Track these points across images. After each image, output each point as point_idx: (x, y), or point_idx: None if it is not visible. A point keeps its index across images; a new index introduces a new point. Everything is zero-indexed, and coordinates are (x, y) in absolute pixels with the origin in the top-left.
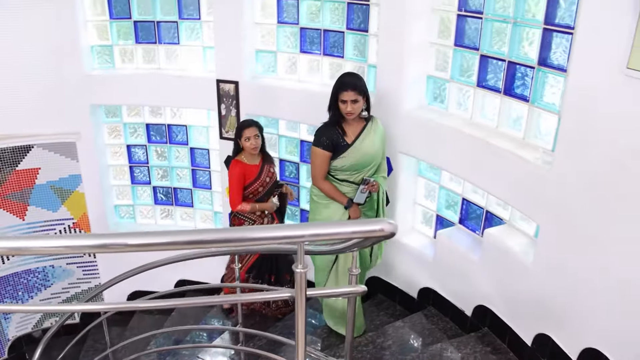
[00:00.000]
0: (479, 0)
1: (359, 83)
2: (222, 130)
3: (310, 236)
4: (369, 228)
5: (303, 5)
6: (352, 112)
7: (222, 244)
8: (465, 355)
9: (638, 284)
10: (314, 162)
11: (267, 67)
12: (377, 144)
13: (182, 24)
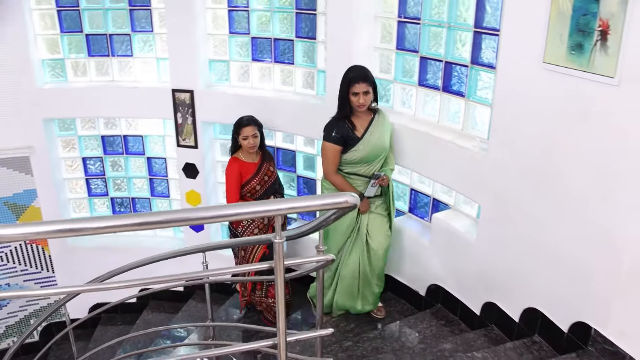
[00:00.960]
0: (417, 7)
1: (369, 74)
2: (179, 139)
3: (287, 209)
4: (335, 200)
5: (253, 15)
6: (364, 104)
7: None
8: (422, 330)
9: (568, 251)
10: (325, 156)
11: (221, 76)
12: (385, 136)
13: (135, 36)
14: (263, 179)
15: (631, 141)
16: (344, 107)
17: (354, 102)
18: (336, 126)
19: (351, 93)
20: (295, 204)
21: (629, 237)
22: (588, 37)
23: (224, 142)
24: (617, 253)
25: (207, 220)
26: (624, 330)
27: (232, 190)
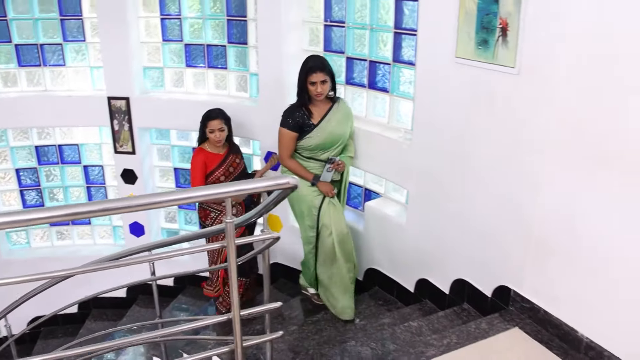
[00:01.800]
0: (341, 12)
1: (326, 64)
2: (117, 145)
3: (236, 191)
4: (278, 182)
5: (186, 23)
6: (321, 93)
7: (135, 208)
8: (362, 310)
9: (486, 224)
10: (280, 141)
11: (156, 82)
12: (343, 124)
13: (67, 45)
14: (228, 170)
15: (532, 121)
16: (302, 95)
17: (311, 91)
18: (293, 113)
19: (309, 82)
20: (243, 187)
21: (536, 209)
22: (491, 34)
23: (161, 147)
24: (527, 223)
25: (156, 205)
26: (537, 289)
27: (196, 181)
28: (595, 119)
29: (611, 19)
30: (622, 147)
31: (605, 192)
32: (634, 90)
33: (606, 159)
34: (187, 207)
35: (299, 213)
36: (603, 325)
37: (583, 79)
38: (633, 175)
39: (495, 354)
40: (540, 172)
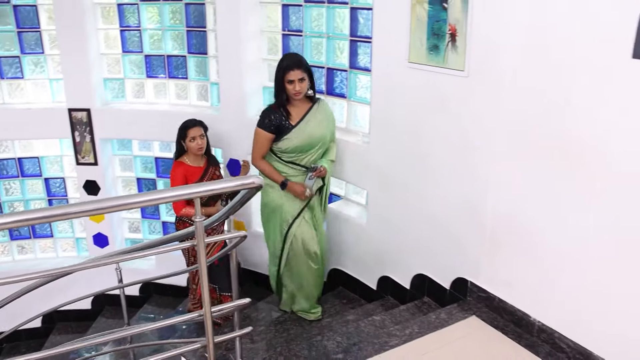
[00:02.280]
0: (298, 21)
1: (303, 61)
2: (78, 157)
3: (205, 191)
4: (244, 181)
5: (145, 34)
6: (300, 92)
7: (95, 211)
8: (327, 309)
9: (443, 220)
10: (255, 142)
11: (117, 93)
12: (323, 126)
13: (24, 58)
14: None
15: (481, 122)
16: (279, 95)
17: (289, 90)
18: (270, 114)
19: (286, 81)
20: (211, 187)
21: (488, 204)
22: (441, 39)
23: (123, 157)
24: (481, 218)
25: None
26: (492, 279)
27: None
28: (539, 119)
29: (551, 23)
30: (564, 145)
31: (549, 186)
32: (573, 92)
33: (550, 156)
34: (150, 217)
35: (271, 226)
36: (552, 309)
37: (527, 81)
38: (574, 171)
39: (455, 341)
40: (490, 169)
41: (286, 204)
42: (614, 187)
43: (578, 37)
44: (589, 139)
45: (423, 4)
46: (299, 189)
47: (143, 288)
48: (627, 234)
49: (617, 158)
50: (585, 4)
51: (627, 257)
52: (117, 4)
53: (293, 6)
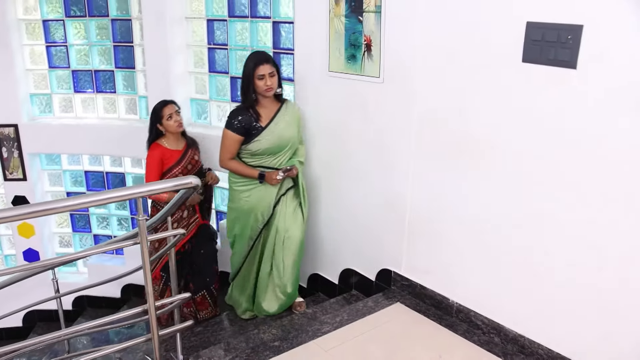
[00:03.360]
0: (223, 35)
1: (271, 57)
2: (6, 172)
3: (147, 192)
4: (183, 181)
5: (72, 50)
6: (271, 87)
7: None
8: None
9: (367, 216)
10: (223, 144)
11: (44, 108)
12: (292, 127)
13: None
14: (186, 168)
15: (396, 122)
16: (247, 95)
17: (260, 87)
18: (239, 114)
19: (256, 77)
20: (151, 187)
21: (406, 199)
22: (358, 49)
23: (52, 171)
24: (400, 212)
25: (60, 209)
26: (412, 268)
27: (150, 179)
28: (444, 120)
29: (452, 33)
30: (466, 143)
31: (455, 180)
32: (472, 95)
33: (455, 153)
34: (82, 230)
35: (241, 227)
36: (466, 290)
37: (433, 86)
38: (475, 166)
39: (382, 325)
40: (405, 167)
41: (257, 205)
42: (510, 179)
43: (476, 45)
44: (485, 137)
45: (340, 17)
46: (275, 174)
47: (76, 302)
48: (520, 219)
49: (511, 153)
50: (481, 16)
51: (521, 237)
52: (42, 20)
53: (218, 21)
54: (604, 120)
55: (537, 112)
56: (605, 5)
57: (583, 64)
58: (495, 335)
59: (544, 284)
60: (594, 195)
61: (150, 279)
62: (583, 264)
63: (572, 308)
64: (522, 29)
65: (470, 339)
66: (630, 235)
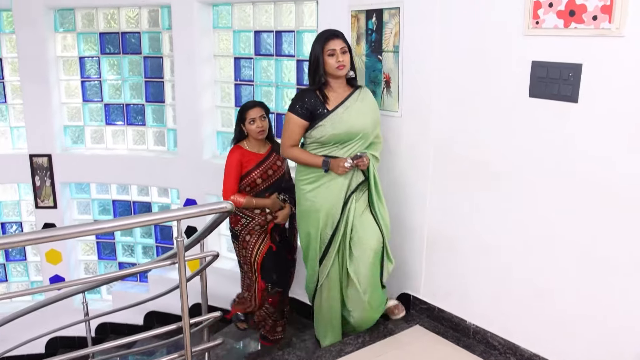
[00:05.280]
0: (249, 72)
1: (342, 34)
2: (38, 200)
3: (185, 215)
4: (218, 206)
5: (105, 84)
6: (344, 65)
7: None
8: None
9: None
10: (285, 129)
11: (77, 139)
12: (366, 115)
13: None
14: (266, 173)
15: (414, 152)
16: (316, 76)
17: (331, 64)
18: (304, 97)
19: (327, 53)
20: (186, 211)
21: (424, 227)
22: (378, 86)
23: (81, 200)
24: (419, 238)
25: (96, 231)
26: (431, 291)
27: (228, 181)
28: (461, 147)
29: (464, 71)
30: (483, 169)
31: (474, 203)
32: (487, 125)
33: (473, 178)
34: (107, 258)
35: (306, 235)
36: (483, 312)
37: (448, 119)
38: (489, 191)
39: (403, 346)
40: (424, 194)
41: (324, 206)
42: (521, 204)
43: (487, 82)
44: (497, 165)
45: (361, 56)
46: (342, 161)
47: (99, 329)
48: (532, 241)
49: (521, 179)
50: (491, 56)
51: (534, 258)
52: (79, 57)
53: (244, 59)
54: (603, 149)
55: (543, 142)
56: (600, 46)
57: (584, 98)
58: (512, 355)
59: (556, 303)
60: (597, 219)
61: (187, 298)
62: (593, 284)
63: (585, 327)
64: (529, 67)
65: (487, 359)
66: (636, 258)
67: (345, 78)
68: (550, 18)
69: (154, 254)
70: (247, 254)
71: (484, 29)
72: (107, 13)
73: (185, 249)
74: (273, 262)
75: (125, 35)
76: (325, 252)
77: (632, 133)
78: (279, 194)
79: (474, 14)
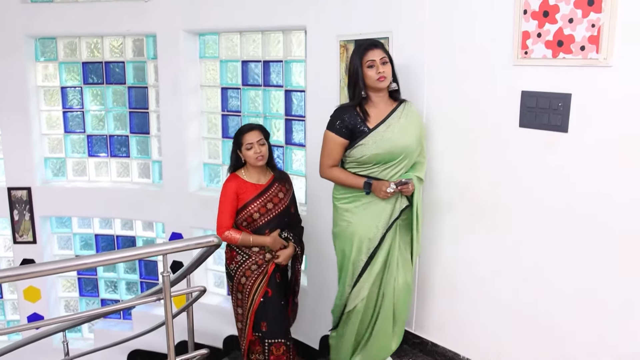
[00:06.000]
0: (236, 102)
1: (381, 42)
2: (16, 235)
3: (171, 249)
4: (205, 240)
5: (88, 115)
6: (384, 76)
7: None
8: None
9: None
10: (323, 148)
11: (57, 172)
12: (410, 133)
13: None
14: (265, 206)
15: None
16: (356, 90)
17: (371, 76)
18: (343, 113)
19: (366, 65)
20: (173, 245)
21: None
22: None
23: (61, 235)
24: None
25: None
26: (424, 325)
27: (222, 215)
28: (453, 178)
29: (457, 104)
30: (475, 199)
31: (467, 236)
32: (479, 155)
33: (465, 209)
34: (89, 294)
35: (341, 259)
36: (475, 345)
37: (442, 147)
38: (486, 220)
39: None
40: None
41: (362, 229)
42: (513, 235)
43: (478, 113)
44: (489, 195)
45: None
46: (385, 185)
47: None
48: (526, 273)
49: (512, 210)
50: (482, 87)
51: (528, 290)
52: (60, 87)
53: (232, 89)
54: (593, 179)
55: (534, 172)
56: (589, 76)
57: (573, 128)
58: None
59: (551, 336)
60: (588, 250)
61: (173, 335)
62: (587, 316)
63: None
64: (518, 97)
65: None
66: (627, 286)
67: (388, 91)
68: (538, 48)
69: (138, 289)
70: (243, 297)
71: (474, 58)
72: (90, 42)
73: (171, 284)
74: (266, 310)
75: (109, 64)
76: (357, 280)
77: (621, 163)
78: (282, 231)
79: (463, 44)
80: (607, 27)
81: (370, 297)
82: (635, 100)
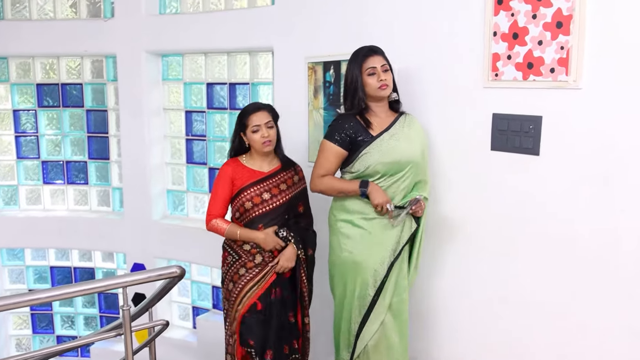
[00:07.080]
0: (202, 126)
1: (381, 50)
2: None
3: (132, 281)
4: (168, 271)
5: (43, 140)
6: (386, 84)
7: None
8: None
9: None
10: (318, 158)
11: (9, 200)
12: (415, 144)
13: None
14: (260, 196)
15: None
16: (355, 100)
17: (372, 84)
18: (344, 122)
19: (366, 72)
20: (133, 278)
21: None
22: None
23: (13, 268)
24: None
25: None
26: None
27: (212, 201)
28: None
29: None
30: (446, 223)
31: (440, 260)
32: (450, 180)
33: (438, 233)
34: (43, 332)
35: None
36: None
37: None
38: (461, 244)
39: None
40: None
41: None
42: (488, 258)
43: (449, 136)
44: (461, 220)
45: (319, 109)
46: (383, 197)
47: None
48: (504, 297)
49: (484, 233)
50: (453, 110)
51: (508, 315)
52: (12, 110)
53: (196, 112)
54: (564, 203)
55: (506, 197)
56: (559, 98)
57: (545, 151)
58: None
59: None
60: (562, 271)
61: None
62: (568, 342)
63: None
64: (490, 119)
65: None
66: (601, 307)
67: (388, 101)
68: (509, 70)
69: (97, 325)
70: (228, 306)
71: (445, 80)
72: (46, 63)
73: (132, 318)
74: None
75: (65, 86)
76: (367, 316)
77: (592, 186)
78: (280, 229)
79: (434, 66)
80: (576, 50)
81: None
82: (604, 122)
